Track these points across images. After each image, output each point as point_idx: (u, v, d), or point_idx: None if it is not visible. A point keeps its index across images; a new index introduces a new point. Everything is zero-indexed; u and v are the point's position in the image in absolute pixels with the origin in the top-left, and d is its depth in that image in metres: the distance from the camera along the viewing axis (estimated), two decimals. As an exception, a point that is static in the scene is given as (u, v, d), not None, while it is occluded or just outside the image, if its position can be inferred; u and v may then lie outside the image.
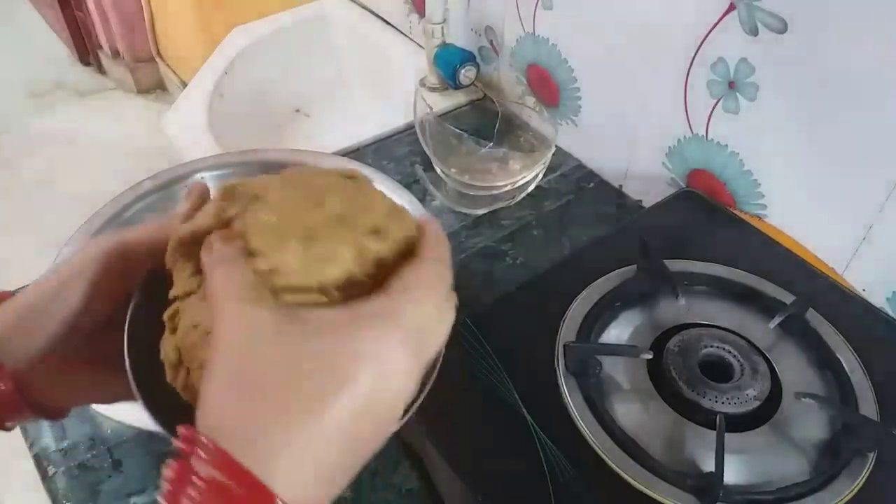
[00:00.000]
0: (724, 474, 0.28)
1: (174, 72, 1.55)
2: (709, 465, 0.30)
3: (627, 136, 0.52)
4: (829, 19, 0.36)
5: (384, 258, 0.21)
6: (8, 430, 0.24)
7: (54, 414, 0.25)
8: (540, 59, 0.57)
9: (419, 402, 0.23)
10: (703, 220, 0.45)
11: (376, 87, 0.74)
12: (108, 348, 0.24)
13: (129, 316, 0.24)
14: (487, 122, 0.59)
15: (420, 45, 0.69)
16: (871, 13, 0.34)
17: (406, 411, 0.21)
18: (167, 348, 0.22)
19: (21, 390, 0.22)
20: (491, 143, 0.55)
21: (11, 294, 0.23)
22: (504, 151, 0.54)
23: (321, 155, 0.29)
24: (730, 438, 0.30)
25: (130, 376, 0.22)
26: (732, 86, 0.42)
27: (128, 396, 0.23)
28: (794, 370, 0.34)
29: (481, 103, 0.64)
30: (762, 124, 0.42)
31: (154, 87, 1.66)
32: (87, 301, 0.23)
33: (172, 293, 0.23)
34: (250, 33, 0.74)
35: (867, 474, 0.30)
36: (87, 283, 0.23)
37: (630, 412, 0.32)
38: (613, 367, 0.34)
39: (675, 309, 0.37)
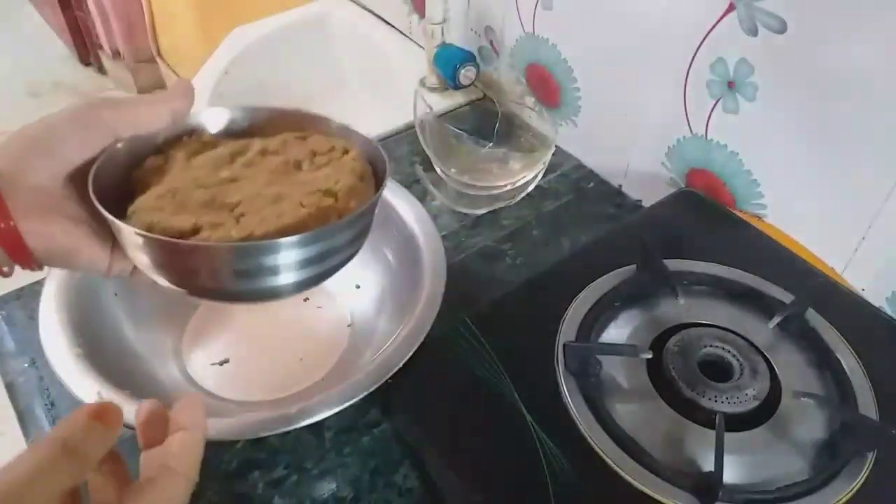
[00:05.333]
0: (724, 473, 0.29)
1: (174, 72, 1.55)
2: (708, 465, 0.30)
3: (627, 135, 0.52)
4: (828, 19, 0.36)
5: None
6: (5, 275, 0.26)
7: (37, 262, 0.26)
8: (540, 59, 0.57)
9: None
10: (703, 220, 0.45)
11: (376, 87, 0.75)
12: (82, 201, 0.26)
13: (99, 159, 0.26)
14: (487, 122, 0.59)
15: (420, 46, 0.69)
16: (870, 13, 0.34)
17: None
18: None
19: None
20: (491, 143, 0.55)
21: None
22: (504, 151, 0.54)
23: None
24: (729, 438, 0.30)
25: (91, 189, 0.25)
26: (732, 86, 0.42)
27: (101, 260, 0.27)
28: (794, 370, 0.34)
29: (481, 103, 0.64)
30: (762, 124, 0.42)
31: (154, 87, 1.66)
32: (77, 141, 0.25)
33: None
34: (250, 33, 0.74)
35: (866, 474, 0.30)
36: (79, 125, 0.26)
37: (630, 411, 0.32)
38: (613, 367, 0.34)
39: (674, 308, 0.37)
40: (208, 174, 0.28)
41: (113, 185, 0.27)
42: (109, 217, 0.25)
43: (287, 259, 0.25)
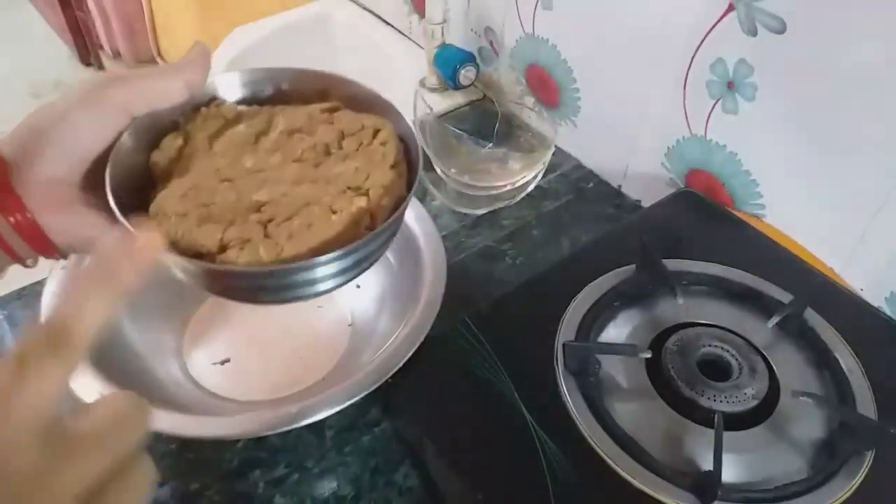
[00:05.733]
0: (723, 472, 0.29)
1: (175, 72, 1.54)
2: (707, 464, 0.30)
3: (626, 136, 0.52)
4: (827, 19, 0.36)
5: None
6: (29, 266, 0.25)
7: (59, 252, 0.25)
8: (539, 59, 0.57)
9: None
10: (702, 220, 0.45)
11: (376, 87, 0.75)
12: (100, 188, 0.24)
13: (114, 150, 0.25)
14: (487, 122, 0.59)
15: (420, 46, 0.69)
16: (870, 13, 0.34)
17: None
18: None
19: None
20: (490, 144, 0.55)
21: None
22: (504, 151, 0.54)
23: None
24: (728, 437, 0.30)
25: (109, 190, 0.24)
26: (731, 86, 0.43)
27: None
28: (792, 369, 0.34)
29: (481, 104, 0.64)
30: (761, 124, 0.42)
31: (155, 87, 1.66)
32: (90, 127, 0.24)
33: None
34: (250, 34, 0.74)
35: (865, 473, 0.30)
36: (89, 108, 0.24)
37: (629, 411, 0.33)
38: (612, 366, 0.34)
39: (673, 308, 0.37)
40: (232, 162, 0.26)
41: (130, 170, 0.25)
42: (132, 229, 0.23)
43: (316, 274, 0.24)
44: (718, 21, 0.41)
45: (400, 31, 0.73)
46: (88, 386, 0.32)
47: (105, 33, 1.58)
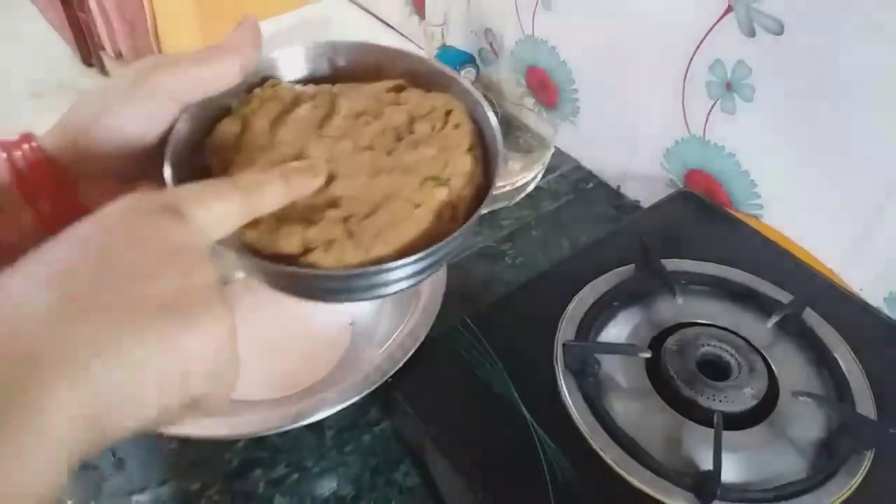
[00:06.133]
0: (722, 472, 0.29)
1: (175, 73, 1.55)
2: (707, 463, 0.30)
3: (626, 137, 0.52)
4: (825, 21, 0.36)
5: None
6: None
7: None
8: (539, 60, 0.57)
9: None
10: (701, 221, 0.45)
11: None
12: (153, 178, 0.23)
13: (170, 138, 0.23)
14: (487, 123, 0.59)
15: (420, 48, 0.70)
16: (867, 14, 0.34)
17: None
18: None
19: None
20: (491, 144, 0.55)
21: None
22: (503, 152, 0.54)
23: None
24: (727, 436, 0.30)
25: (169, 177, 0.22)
26: (730, 87, 0.43)
27: None
28: (792, 369, 0.34)
29: (481, 104, 0.64)
30: (759, 125, 0.42)
31: (155, 88, 1.66)
32: (137, 119, 0.22)
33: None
34: (251, 35, 0.74)
35: (864, 473, 0.30)
36: (138, 98, 0.22)
37: (628, 410, 0.33)
38: (612, 366, 0.34)
39: (673, 308, 0.37)
40: (298, 152, 0.24)
41: (186, 160, 0.23)
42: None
43: (402, 273, 0.23)
44: (717, 22, 0.41)
45: (400, 33, 0.73)
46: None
47: (106, 33, 1.58)
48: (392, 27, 0.74)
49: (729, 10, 0.40)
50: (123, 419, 0.15)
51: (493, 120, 0.26)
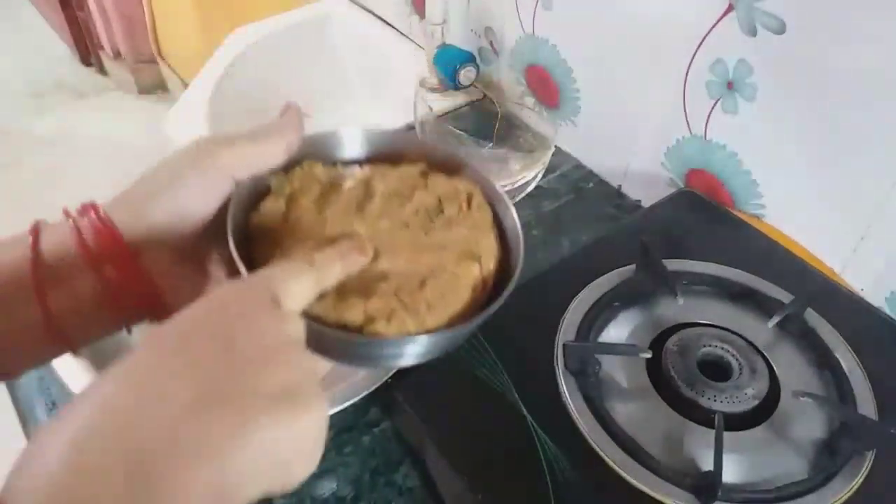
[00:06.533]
0: (723, 473, 0.29)
1: (175, 72, 1.55)
2: (707, 464, 0.30)
3: (626, 136, 0.52)
4: (827, 20, 0.36)
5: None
6: (130, 332, 0.25)
7: (168, 312, 0.25)
8: (539, 59, 0.57)
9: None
10: (702, 220, 0.45)
11: (376, 88, 0.75)
12: (208, 253, 0.25)
13: (229, 214, 0.25)
14: (487, 122, 0.59)
15: (420, 46, 0.70)
16: (869, 13, 0.34)
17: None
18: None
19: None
20: (490, 144, 0.55)
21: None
22: (504, 152, 0.54)
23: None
24: (728, 437, 0.30)
25: (236, 255, 0.24)
26: (731, 86, 0.43)
27: None
28: (793, 369, 0.34)
29: (481, 104, 0.64)
30: (761, 124, 0.42)
31: (155, 87, 1.66)
32: (201, 192, 0.24)
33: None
34: (251, 34, 0.74)
35: (865, 473, 0.30)
36: (199, 172, 0.24)
37: (629, 411, 0.33)
38: (613, 367, 0.34)
39: (673, 308, 0.37)
40: (345, 229, 0.26)
41: (238, 236, 0.25)
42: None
43: (450, 341, 0.25)
44: (718, 21, 0.41)
45: (400, 32, 0.73)
46: (86, 378, 0.32)
47: (105, 33, 1.58)
48: (392, 26, 0.74)
49: (730, 9, 0.40)
50: (243, 492, 0.17)
51: (507, 199, 0.29)
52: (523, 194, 0.52)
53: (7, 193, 1.37)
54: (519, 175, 0.51)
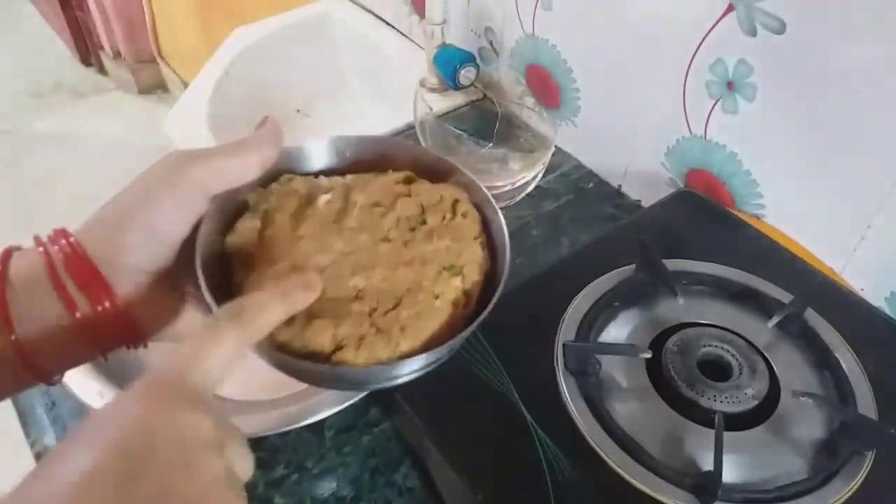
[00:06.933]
0: (723, 473, 0.29)
1: (175, 72, 1.55)
2: (707, 464, 0.30)
3: (626, 136, 0.52)
4: (827, 19, 0.36)
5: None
6: (105, 360, 0.24)
7: (143, 338, 0.25)
8: (539, 59, 0.57)
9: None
10: (702, 220, 0.45)
11: (376, 88, 0.75)
12: (182, 271, 0.24)
13: (199, 236, 0.24)
14: (487, 122, 0.59)
15: (420, 46, 0.70)
16: (869, 13, 0.34)
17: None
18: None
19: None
20: (490, 144, 0.55)
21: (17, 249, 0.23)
22: (503, 152, 0.54)
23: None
24: (728, 437, 0.30)
25: (204, 285, 0.23)
26: (731, 86, 0.42)
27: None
28: (793, 369, 0.34)
29: (481, 104, 0.64)
30: (761, 124, 0.42)
31: (155, 87, 1.66)
32: (174, 211, 0.23)
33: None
34: (251, 34, 0.74)
35: (865, 473, 0.30)
36: (172, 190, 0.23)
37: (629, 411, 0.33)
38: (613, 367, 0.34)
39: (673, 308, 0.37)
40: (321, 246, 0.26)
41: (211, 254, 0.25)
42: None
43: (424, 364, 0.25)
44: (718, 21, 0.41)
45: (400, 32, 0.73)
46: (87, 386, 0.32)
47: (105, 33, 1.58)
48: (391, 25, 0.74)
49: (730, 9, 0.40)
50: None
51: (495, 204, 0.28)
52: (523, 194, 0.52)
53: (7, 193, 1.37)
54: (519, 175, 0.51)
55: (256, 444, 0.36)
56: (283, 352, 0.23)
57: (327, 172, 0.29)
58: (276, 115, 0.27)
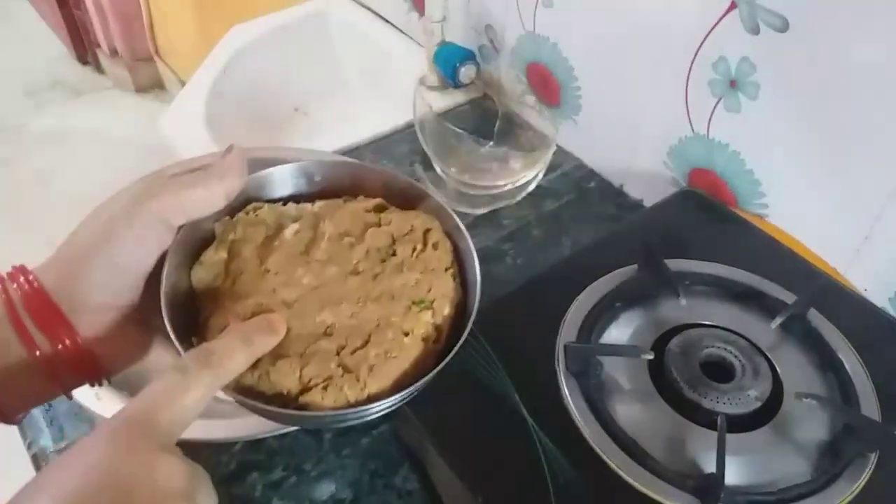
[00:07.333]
0: (726, 475, 0.28)
1: (172, 71, 1.55)
2: (710, 466, 0.29)
3: (628, 135, 0.52)
4: (830, 17, 0.36)
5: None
6: (70, 398, 0.24)
7: (107, 375, 0.24)
8: (540, 57, 0.56)
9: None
10: (705, 220, 0.45)
11: (375, 86, 0.74)
12: (149, 305, 0.23)
13: (164, 271, 0.24)
14: (487, 120, 0.58)
15: (420, 44, 0.69)
16: (872, 11, 0.34)
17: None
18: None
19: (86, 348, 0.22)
20: (491, 143, 0.55)
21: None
22: (504, 150, 0.54)
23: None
24: (731, 439, 0.30)
25: (167, 319, 0.23)
26: (734, 84, 0.42)
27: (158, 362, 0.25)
28: (796, 370, 0.34)
29: (481, 102, 0.64)
30: (764, 123, 0.42)
31: (152, 85, 1.66)
32: (135, 246, 0.23)
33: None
34: (249, 32, 0.74)
35: (868, 475, 0.30)
36: (133, 227, 0.23)
37: (631, 413, 0.32)
38: (614, 368, 0.34)
39: (676, 309, 0.37)
40: (287, 280, 0.25)
41: (176, 286, 0.24)
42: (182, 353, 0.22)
43: (391, 404, 0.24)
44: (720, 19, 0.41)
45: (399, 29, 0.73)
46: (86, 387, 0.31)
47: (102, 31, 1.57)
48: (391, 23, 0.74)
49: (733, 6, 0.40)
50: None
51: (467, 233, 0.28)
52: (524, 193, 0.52)
53: (3, 192, 1.36)
54: (520, 174, 0.50)
55: (255, 446, 0.36)
56: (249, 395, 0.23)
57: (297, 198, 0.29)
58: (274, 113, 0.26)
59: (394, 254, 0.27)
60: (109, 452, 0.18)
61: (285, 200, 0.28)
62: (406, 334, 0.25)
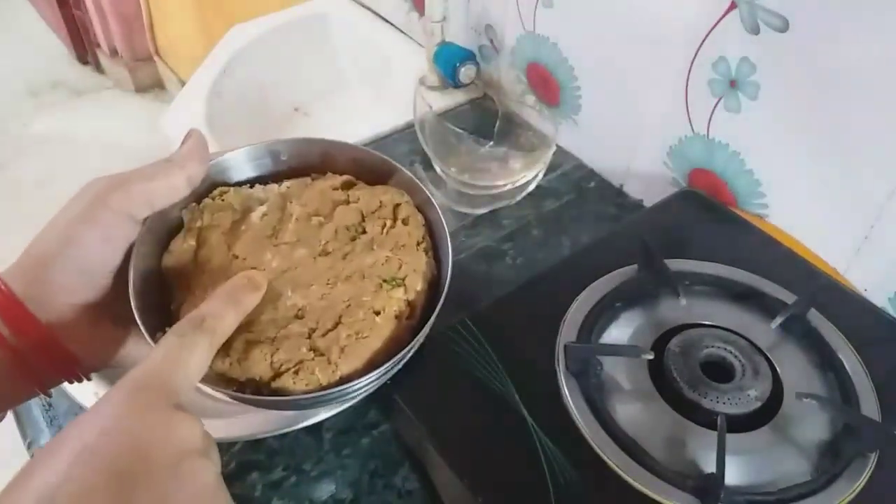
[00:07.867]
0: (726, 475, 0.28)
1: (173, 71, 1.55)
2: (710, 466, 0.30)
3: (628, 135, 0.52)
4: (830, 18, 0.36)
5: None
6: (49, 395, 0.24)
7: (84, 372, 0.24)
8: (540, 57, 0.56)
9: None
10: (705, 220, 0.45)
11: (375, 86, 0.74)
12: (123, 299, 0.24)
13: (132, 262, 0.24)
14: (487, 120, 0.58)
15: (420, 44, 0.69)
16: (872, 11, 0.34)
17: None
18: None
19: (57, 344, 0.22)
20: (491, 142, 0.55)
21: None
22: (504, 150, 0.54)
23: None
24: (731, 439, 0.30)
25: (137, 315, 0.23)
26: (734, 85, 0.42)
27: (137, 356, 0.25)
28: (796, 370, 0.34)
29: (481, 102, 0.64)
30: (764, 123, 0.42)
31: (152, 86, 1.66)
32: (98, 244, 0.23)
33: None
34: (249, 32, 0.74)
35: (869, 475, 0.30)
36: (93, 224, 0.23)
37: (631, 413, 0.32)
38: (614, 368, 0.34)
39: (676, 309, 0.37)
40: (255, 265, 0.25)
41: (148, 276, 0.24)
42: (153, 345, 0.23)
43: (366, 384, 0.24)
44: (720, 19, 0.41)
45: (399, 29, 0.73)
46: (86, 387, 0.31)
47: (102, 31, 1.57)
48: (391, 23, 0.74)
49: (733, 6, 0.40)
50: None
51: (437, 206, 0.28)
52: (524, 193, 0.52)
53: (4, 192, 1.36)
54: (520, 174, 0.50)
55: (254, 445, 0.36)
56: (222, 382, 0.23)
57: (264, 179, 0.28)
58: (274, 113, 0.27)
59: (364, 231, 0.27)
60: (126, 413, 0.18)
61: (252, 182, 0.28)
62: (377, 313, 0.24)
